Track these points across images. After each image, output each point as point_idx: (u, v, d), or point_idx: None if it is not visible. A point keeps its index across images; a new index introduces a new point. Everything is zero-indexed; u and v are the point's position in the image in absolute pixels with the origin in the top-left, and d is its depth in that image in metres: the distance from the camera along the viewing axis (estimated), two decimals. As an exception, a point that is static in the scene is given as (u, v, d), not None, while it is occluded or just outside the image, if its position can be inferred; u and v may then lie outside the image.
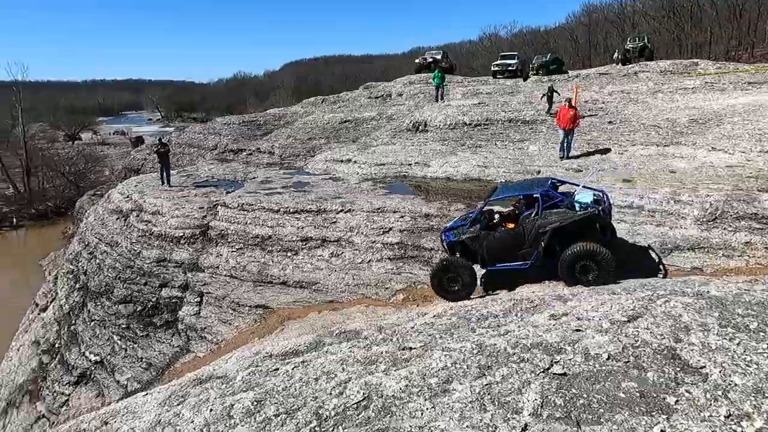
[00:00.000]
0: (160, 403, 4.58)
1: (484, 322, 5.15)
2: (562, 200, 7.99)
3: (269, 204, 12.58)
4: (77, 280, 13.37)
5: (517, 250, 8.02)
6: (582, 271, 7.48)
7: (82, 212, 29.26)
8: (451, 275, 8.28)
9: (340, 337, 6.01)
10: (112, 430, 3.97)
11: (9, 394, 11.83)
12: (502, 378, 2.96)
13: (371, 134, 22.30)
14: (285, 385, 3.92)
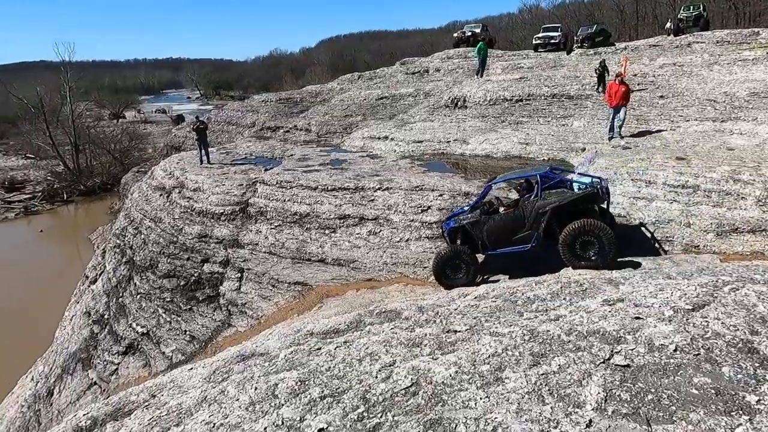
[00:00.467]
0: (205, 379, 4.63)
1: (531, 306, 4.96)
2: (561, 181, 8.00)
3: (307, 181, 12.57)
4: (124, 254, 13.82)
5: (517, 233, 8.00)
6: (582, 248, 7.37)
7: (127, 188, 30.24)
8: (454, 263, 8.29)
9: (380, 317, 5.94)
10: (160, 403, 4.02)
11: (63, 361, 12.46)
12: (558, 368, 2.79)
13: (408, 111, 21.95)
14: (328, 366, 3.86)
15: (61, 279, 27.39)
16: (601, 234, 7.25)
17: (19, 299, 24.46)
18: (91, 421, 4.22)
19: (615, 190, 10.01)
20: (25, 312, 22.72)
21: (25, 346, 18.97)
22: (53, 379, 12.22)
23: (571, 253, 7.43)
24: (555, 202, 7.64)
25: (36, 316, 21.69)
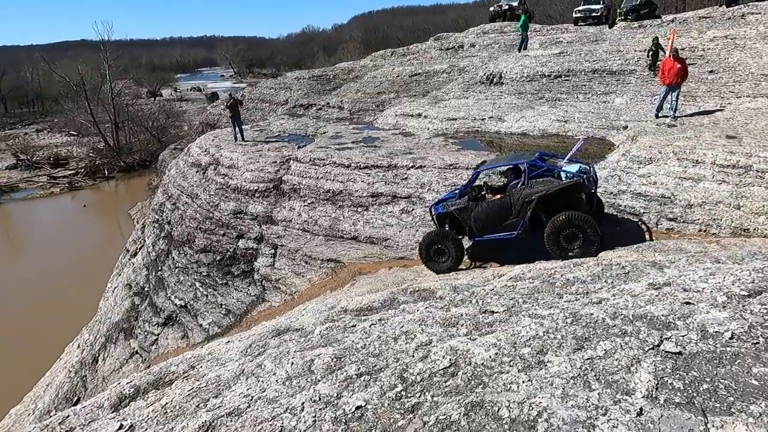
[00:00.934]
0: (242, 352, 4.70)
1: (571, 288, 4.81)
2: (549, 170, 7.99)
3: (340, 159, 12.54)
4: (162, 229, 14.20)
5: (504, 221, 8.11)
6: (567, 240, 7.46)
7: (165, 165, 30.97)
8: (439, 247, 8.46)
9: (414, 296, 5.90)
10: (199, 375, 4.11)
11: (107, 330, 13.01)
12: (604, 353, 2.68)
13: (442, 88, 21.53)
14: (363, 343, 3.85)
15: (103, 252, 28.53)
16: (586, 227, 7.33)
17: (64, 270, 25.65)
18: (134, 389, 4.36)
19: (659, 170, 9.61)
20: (70, 282, 23.82)
21: (71, 314, 19.93)
22: (98, 347, 12.80)
23: (556, 245, 7.53)
24: (541, 191, 7.70)
25: (81, 286, 22.72)
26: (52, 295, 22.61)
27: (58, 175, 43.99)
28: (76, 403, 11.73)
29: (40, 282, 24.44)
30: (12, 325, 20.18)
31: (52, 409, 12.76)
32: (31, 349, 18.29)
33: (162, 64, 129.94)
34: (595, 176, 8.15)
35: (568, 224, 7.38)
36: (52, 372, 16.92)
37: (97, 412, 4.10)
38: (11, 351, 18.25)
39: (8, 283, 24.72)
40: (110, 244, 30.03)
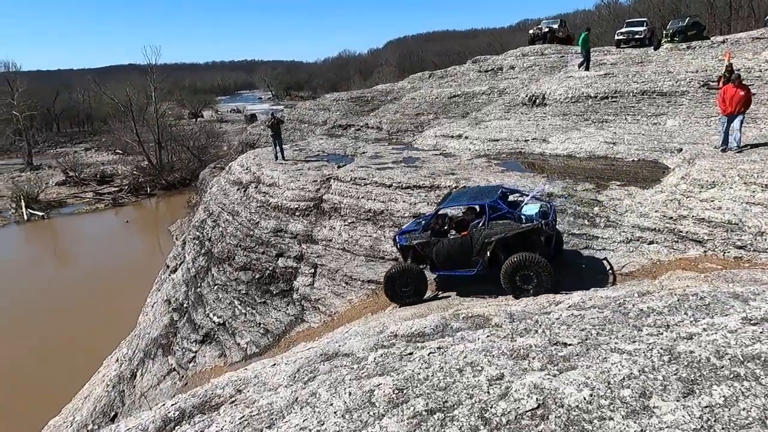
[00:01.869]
0: (290, 377, 4.45)
1: (646, 320, 4.39)
2: (509, 212, 8.23)
3: (381, 179, 12.37)
4: (202, 245, 14.28)
5: (464, 258, 8.33)
6: (522, 280, 7.73)
7: (205, 183, 31.65)
8: (403, 280, 8.66)
9: (468, 322, 5.56)
10: (249, 400, 3.87)
11: (146, 345, 13.03)
12: (724, 400, 2.30)
13: (482, 109, 21.30)
14: (425, 375, 3.54)
15: (143, 266, 29.11)
16: (539, 269, 7.61)
17: (106, 284, 26.24)
18: (179, 412, 4.14)
19: (723, 194, 9.02)
20: (111, 296, 24.30)
21: (110, 328, 20.24)
22: (136, 363, 12.82)
23: (511, 284, 7.79)
24: (500, 234, 7.98)
25: (121, 300, 23.12)
26: (93, 308, 23.09)
27: (104, 192, 45.61)
28: (113, 418, 11.71)
29: (82, 294, 25.05)
30: (54, 335, 20.64)
31: (89, 423, 12.79)
32: (71, 360, 18.59)
33: (204, 86, 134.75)
34: (554, 217, 8.49)
35: (523, 266, 7.65)
36: (90, 384, 17.08)
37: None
38: (53, 361, 18.59)
39: (52, 295, 25.43)
40: (150, 260, 30.65)
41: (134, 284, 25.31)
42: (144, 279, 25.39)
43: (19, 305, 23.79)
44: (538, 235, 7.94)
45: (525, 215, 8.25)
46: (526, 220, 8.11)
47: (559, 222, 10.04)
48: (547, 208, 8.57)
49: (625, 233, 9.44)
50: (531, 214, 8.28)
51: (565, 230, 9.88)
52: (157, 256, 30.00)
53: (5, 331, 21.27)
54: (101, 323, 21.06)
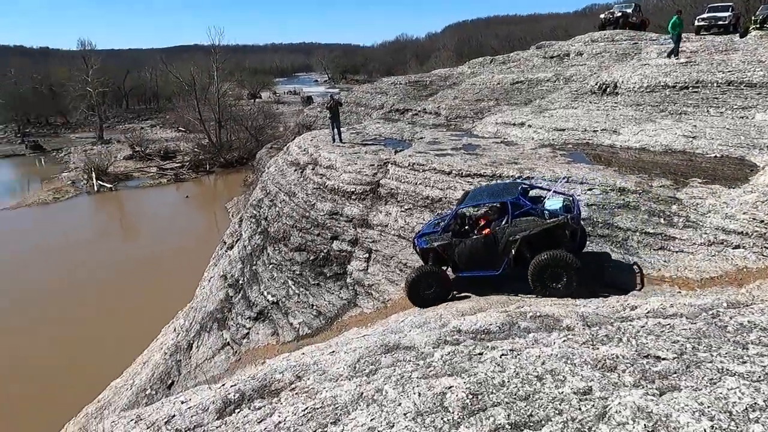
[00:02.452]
0: (351, 367, 4.30)
1: (749, 335, 3.91)
2: (532, 208, 7.99)
3: (440, 165, 12.02)
4: (259, 224, 14.48)
5: (488, 258, 8.14)
6: (551, 278, 7.54)
7: (261, 163, 32.28)
8: (426, 282, 8.48)
9: (536, 322, 5.22)
10: (309, 389, 3.74)
11: (202, 318, 13.43)
12: None
13: (546, 97, 20.36)
14: (501, 379, 3.27)
15: (200, 241, 30.20)
16: (569, 268, 7.41)
17: (165, 255, 27.41)
18: (239, 394, 4.09)
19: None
20: (170, 267, 25.38)
21: (168, 298, 21.12)
22: (192, 334, 13.25)
23: (539, 283, 7.61)
24: (525, 231, 7.76)
25: (179, 272, 24.09)
26: (154, 278, 24.21)
27: (167, 167, 47.58)
28: (170, 386, 12.16)
29: (143, 265, 26.31)
30: (118, 302, 21.79)
31: (147, 387, 13.38)
32: (132, 326, 19.56)
33: (263, 68, 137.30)
34: (578, 211, 8.20)
35: (551, 264, 7.46)
36: (149, 350, 17.92)
37: (202, 416, 3.87)
38: (116, 327, 19.64)
39: (117, 263, 26.86)
40: (207, 234, 31.77)
41: (192, 257, 26.29)
42: (201, 253, 26.30)
43: (88, 274, 25.27)
44: (563, 230, 7.68)
45: (548, 210, 7.99)
46: (549, 215, 7.86)
47: (631, 219, 9.40)
48: (570, 202, 8.31)
49: (706, 235, 8.68)
50: (555, 209, 8.03)
51: (638, 228, 9.22)
52: (213, 232, 31.04)
53: (76, 298, 22.66)
54: (161, 293, 22.03)
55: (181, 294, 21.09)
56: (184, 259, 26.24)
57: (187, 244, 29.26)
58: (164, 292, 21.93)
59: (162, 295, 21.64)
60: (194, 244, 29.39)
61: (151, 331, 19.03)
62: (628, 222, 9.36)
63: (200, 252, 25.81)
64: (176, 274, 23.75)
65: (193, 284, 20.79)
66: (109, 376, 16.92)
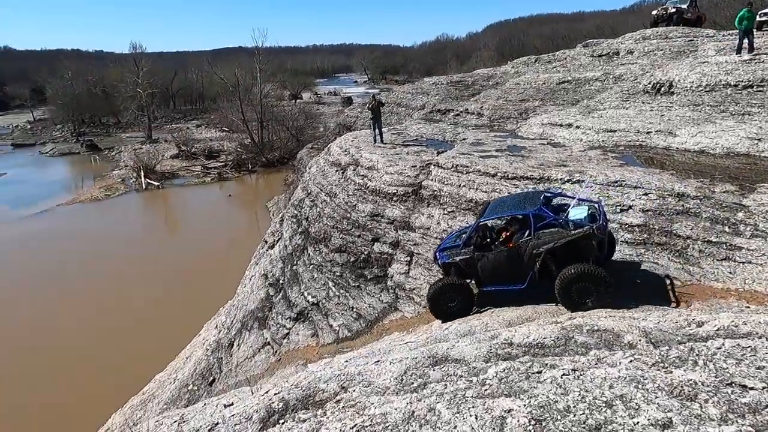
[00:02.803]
0: (398, 380, 4.11)
1: None
2: (555, 219, 7.67)
3: (485, 167, 11.68)
4: (299, 224, 14.51)
5: (512, 272, 7.89)
6: (579, 294, 7.15)
7: (302, 163, 32.60)
8: (448, 296, 8.31)
9: (594, 336, 4.88)
10: (357, 404, 3.57)
11: (243, 316, 13.57)
12: None
13: (595, 97, 19.59)
14: (565, 404, 3.00)
15: (242, 239, 30.77)
16: (599, 281, 7.05)
17: (208, 252, 28.03)
18: (282, 404, 3.96)
19: None
20: (212, 264, 25.92)
21: (210, 294, 21.55)
22: (234, 332, 13.40)
23: (567, 298, 7.25)
24: (549, 244, 7.47)
25: (221, 269, 24.57)
26: (196, 274, 24.77)
27: (210, 166, 48.82)
28: (212, 383, 12.32)
29: (187, 260, 27.00)
30: (161, 297, 22.41)
31: (189, 383, 13.62)
32: (176, 320, 20.07)
33: (304, 69, 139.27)
34: (605, 218, 7.80)
35: (579, 279, 7.09)
36: (191, 345, 18.30)
37: (245, 425, 3.76)
38: (161, 320, 20.19)
39: (162, 258, 27.69)
40: (248, 233, 32.35)
41: (233, 255, 26.82)
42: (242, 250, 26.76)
43: (135, 268, 26.13)
44: (589, 240, 7.33)
45: (573, 220, 7.64)
46: (574, 225, 7.49)
47: (691, 227, 8.82)
48: (596, 210, 7.93)
49: (778, 246, 8.03)
50: (579, 219, 7.70)
51: (700, 237, 8.64)
52: (254, 230, 31.57)
53: (121, 291, 23.46)
54: (203, 289, 22.52)
55: (222, 291, 21.48)
56: (226, 256, 26.79)
57: (229, 242, 29.88)
58: (206, 289, 22.40)
59: (204, 292, 22.12)
60: (236, 242, 29.98)
61: (194, 327, 19.44)
62: (688, 230, 8.79)
63: (241, 250, 26.26)
64: (218, 271, 24.25)
65: (234, 281, 21.12)
66: (153, 368, 17.37)
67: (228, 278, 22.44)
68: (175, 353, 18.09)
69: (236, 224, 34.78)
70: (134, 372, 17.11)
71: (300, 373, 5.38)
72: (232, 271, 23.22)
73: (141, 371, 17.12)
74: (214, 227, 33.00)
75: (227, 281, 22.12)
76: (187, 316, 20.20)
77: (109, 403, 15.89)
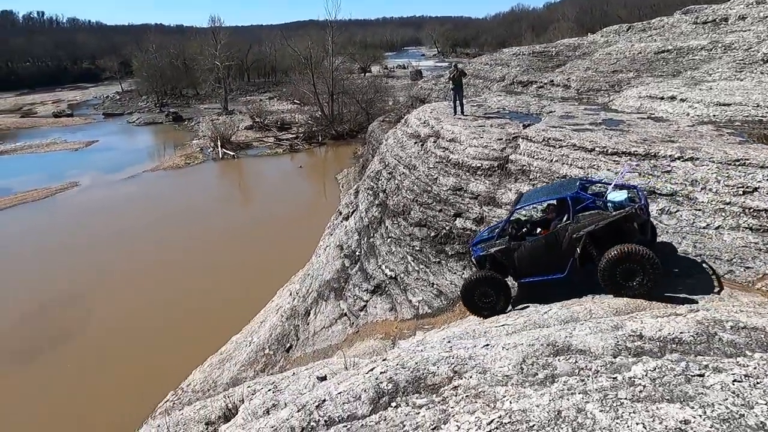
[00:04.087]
0: (516, 367, 3.70)
1: None
2: (594, 201, 7.34)
3: (581, 141, 10.76)
4: (376, 196, 14.26)
5: (551, 260, 7.45)
6: (624, 276, 6.74)
7: (374, 136, 32.34)
8: (483, 290, 7.90)
9: (741, 335, 4.20)
10: (480, 392, 3.19)
11: (319, 286, 13.63)
12: None
13: (700, 67, 17.69)
14: (756, 420, 2.44)
15: (311, 209, 31.29)
16: (644, 261, 6.56)
17: (279, 221, 28.69)
18: (392, 385, 3.66)
19: None
20: (284, 232, 26.51)
21: (282, 262, 22.07)
22: (310, 301, 13.50)
23: (611, 282, 6.82)
24: (589, 226, 7.07)
25: (292, 237, 25.11)
26: (268, 242, 25.44)
27: (282, 138, 49.81)
28: (288, 349, 12.52)
29: (259, 228, 27.79)
30: (236, 264, 23.19)
31: (265, 347, 13.97)
32: (250, 285, 20.73)
33: (373, 42, 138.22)
34: (645, 202, 7.34)
35: (624, 259, 6.64)
36: (265, 311, 18.83)
37: (354, 405, 3.50)
38: (236, 284, 20.92)
39: (236, 225, 28.68)
40: (318, 204, 32.83)
41: (303, 224, 27.31)
42: (311, 220, 27.18)
43: (210, 234, 27.23)
44: (632, 222, 6.93)
45: (613, 202, 7.22)
46: (614, 207, 7.10)
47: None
48: (635, 194, 7.49)
49: None
50: (620, 201, 7.24)
51: None
52: (324, 201, 31.96)
53: (199, 257, 24.54)
54: (274, 256, 23.09)
55: (293, 259, 21.93)
56: (296, 225, 27.32)
57: (299, 212, 30.45)
58: (277, 256, 22.95)
59: (275, 259, 22.67)
60: (305, 212, 30.51)
61: (266, 292, 20.00)
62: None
63: (311, 220, 26.67)
64: (289, 240, 24.78)
65: (304, 250, 21.52)
66: (229, 329, 18.06)
67: (298, 247, 22.88)
68: (248, 317, 18.70)
69: (306, 195, 35.40)
70: (211, 332, 17.88)
71: (397, 351, 5.09)
72: (303, 240, 23.65)
73: (218, 332, 17.86)
74: (285, 197, 33.74)
75: (298, 250, 22.56)
76: (261, 282, 20.79)
77: (189, 360, 16.73)
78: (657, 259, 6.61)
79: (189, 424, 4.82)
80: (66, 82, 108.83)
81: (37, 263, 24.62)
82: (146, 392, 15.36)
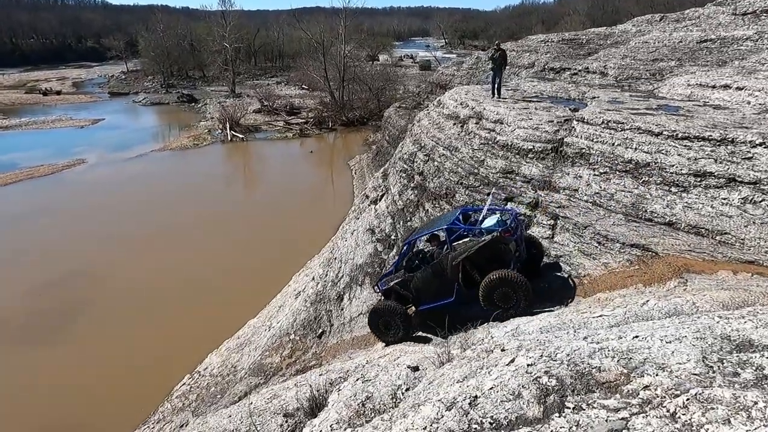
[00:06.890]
0: (700, 362, 3.02)
1: None
2: (468, 229, 8.07)
3: (646, 125, 10.03)
4: (411, 179, 13.54)
5: (440, 287, 8.14)
6: (501, 299, 7.37)
7: (390, 122, 31.58)
8: (385, 320, 8.46)
9: None
10: (700, 396, 2.49)
11: (350, 270, 12.94)
12: None
13: (749, 57, 16.90)
14: None
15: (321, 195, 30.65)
16: (517, 286, 7.29)
17: (290, 206, 27.92)
18: (556, 380, 2.98)
19: None
20: (295, 217, 25.76)
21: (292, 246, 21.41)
22: (342, 286, 12.82)
23: (490, 304, 7.43)
24: (464, 253, 7.77)
25: (303, 223, 24.39)
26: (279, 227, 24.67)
27: (292, 122, 48.92)
28: (321, 335, 11.86)
29: (270, 212, 27.04)
30: (243, 248, 22.47)
31: (291, 332, 13.30)
32: (262, 268, 20.05)
33: (381, 31, 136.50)
34: (516, 223, 8.13)
35: (498, 284, 7.34)
36: (282, 295, 18.16)
37: (517, 404, 2.80)
38: (249, 268, 20.22)
39: (245, 210, 27.96)
40: (327, 190, 32.13)
41: (315, 210, 26.64)
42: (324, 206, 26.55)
43: (219, 217, 26.46)
44: (503, 243, 7.63)
45: (484, 229, 8.00)
46: (486, 233, 7.85)
47: None
48: (508, 217, 8.37)
49: None
50: (490, 226, 8.04)
51: None
52: (336, 187, 31.23)
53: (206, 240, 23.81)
54: (289, 241, 22.36)
55: (307, 244, 21.27)
56: (309, 211, 26.62)
57: (311, 197, 29.76)
58: (290, 242, 22.23)
59: (288, 244, 21.95)
60: (318, 198, 29.83)
61: (281, 276, 19.34)
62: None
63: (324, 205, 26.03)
64: (303, 225, 24.05)
65: (317, 236, 20.91)
66: (243, 313, 17.41)
67: (313, 232, 22.23)
68: (262, 301, 18.03)
69: (318, 180, 34.65)
70: (226, 316, 17.21)
71: (516, 341, 4.38)
72: (317, 226, 22.99)
73: (231, 316, 17.20)
74: (296, 182, 32.96)
75: (312, 235, 21.92)
76: (273, 267, 20.13)
77: (203, 344, 16.08)
78: (527, 283, 7.28)
79: (264, 415, 4.14)
80: (70, 60, 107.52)
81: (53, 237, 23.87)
82: (159, 375, 14.73)
